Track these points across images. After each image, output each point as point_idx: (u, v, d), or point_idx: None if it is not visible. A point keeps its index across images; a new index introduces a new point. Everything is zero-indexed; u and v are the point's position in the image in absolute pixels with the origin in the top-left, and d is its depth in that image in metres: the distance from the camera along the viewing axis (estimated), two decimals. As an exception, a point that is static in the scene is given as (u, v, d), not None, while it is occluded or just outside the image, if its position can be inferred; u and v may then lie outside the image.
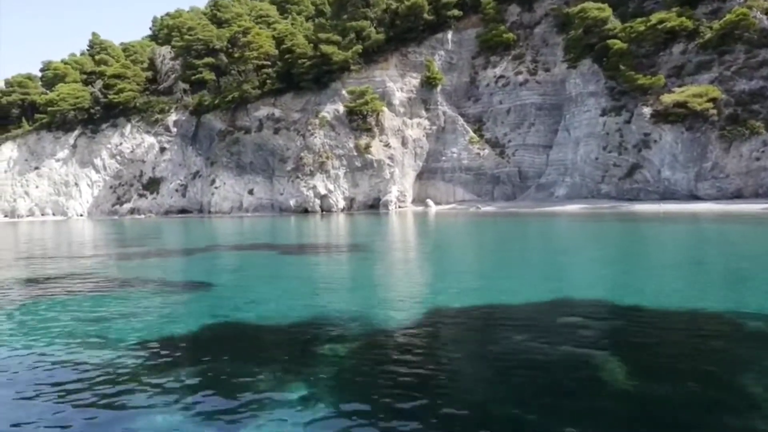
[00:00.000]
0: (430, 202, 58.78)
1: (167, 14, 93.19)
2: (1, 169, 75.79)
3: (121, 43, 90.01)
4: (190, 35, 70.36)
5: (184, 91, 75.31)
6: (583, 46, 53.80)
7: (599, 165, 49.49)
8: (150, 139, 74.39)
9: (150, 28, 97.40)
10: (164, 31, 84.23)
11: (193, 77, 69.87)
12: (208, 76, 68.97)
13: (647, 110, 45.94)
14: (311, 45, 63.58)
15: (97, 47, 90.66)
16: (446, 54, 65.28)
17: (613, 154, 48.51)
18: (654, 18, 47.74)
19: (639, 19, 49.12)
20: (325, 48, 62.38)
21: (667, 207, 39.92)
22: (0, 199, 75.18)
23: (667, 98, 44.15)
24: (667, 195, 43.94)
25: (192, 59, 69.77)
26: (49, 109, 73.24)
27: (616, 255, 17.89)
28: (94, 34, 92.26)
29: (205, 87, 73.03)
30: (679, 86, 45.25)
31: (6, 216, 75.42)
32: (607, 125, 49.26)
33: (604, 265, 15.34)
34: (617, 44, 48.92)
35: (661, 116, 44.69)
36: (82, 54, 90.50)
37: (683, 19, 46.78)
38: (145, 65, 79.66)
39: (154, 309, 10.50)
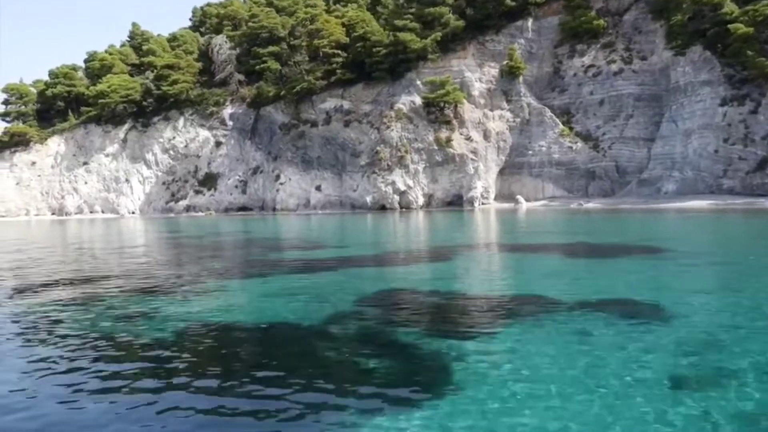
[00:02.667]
0: (520, 198, 55.26)
1: (208, 4, 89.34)
2: (48, 164, 72.09)
3: (165, 34, 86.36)
4: (254, 23, 66.64)
5: (240, 82, 71.71)
6: (691, 33, 50.43)
7: (719, 158, 46.02)
8: (205, 133, 70.76)
9: (190, 19, 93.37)
10: (212, 21, 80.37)
11: (256, 67, 66.10)
12: (274, 65, 65.26)
13: (780, 99, 42.50)
14: (387, 32, 59.93)
15: (138, 38, 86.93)
16: (526, 43, 61.79)
17: (737, 146, 45.04)
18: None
19: (764, 2, 45.60)
20: (403, 35, 58.83)
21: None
22: (47, 195, 71.53)
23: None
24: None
25: (256, 48, 65.97)
26: (99, 101, 69.48)
27: None
28: (134, 24, 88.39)
29: (262, 78, 69.36)
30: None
31: (53, 213, 71.79)
32: (728, 116, 45.79)
33: None
34: (740, 29, 45.40)
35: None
36: (123, 45, 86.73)
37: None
38: (195, 56, 75.94)
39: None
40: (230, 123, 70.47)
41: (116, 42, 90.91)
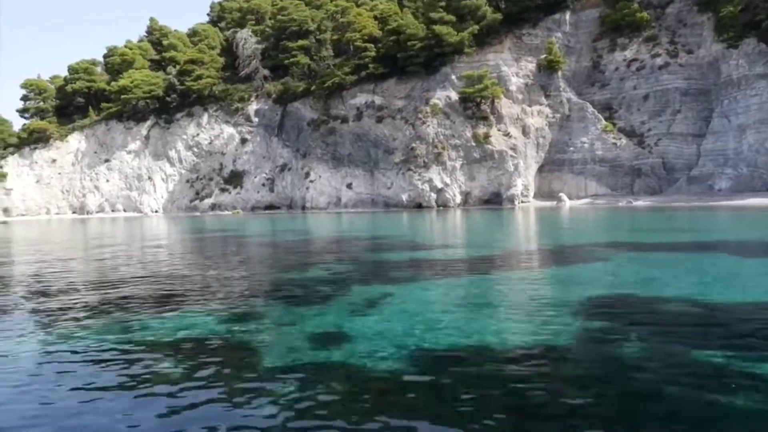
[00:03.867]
0: (563, 196, 53.50)
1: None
2: (68, 161, 70.35)
3: (182, 29, 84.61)
4: (283, 15, 64.88)
5: (265, 78, 69.99)
6: (743, 25, 48.69)
7: (779, 154, 44.31)
8: (229, 130, 69.04)
9: (208, 14, 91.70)
10: (233, 15, 78.59)
11: (285, 61, 64.34)
12: (303, 59, 63.51)
13: None
14: (422, 25, 58.19)
15: (156, 33, 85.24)
16: (563, 36, 60.11)
17: (798, 142, 43.33)
18: None
19: (826, -9, 43.91)
20: (439, 28, 57.08)
21: None
22: (68, 194, 69.76)
23: None
24: None
25: (286, 42, 64.21)
26: (121, 96, 67.71)
27: None
28: (152, 19, 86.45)
29: (288, 73, 67.66)
30: None
31: (74, 212, 70.04)
32: (787, 110, 44.06)
33: None
34: (801, 19, 43.68)
35: None
36: (140, 41, 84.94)
37: None
38: (217, 51, 74.22)
39: None
40: (256, 119, 68.78)
41: (132, 37, 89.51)
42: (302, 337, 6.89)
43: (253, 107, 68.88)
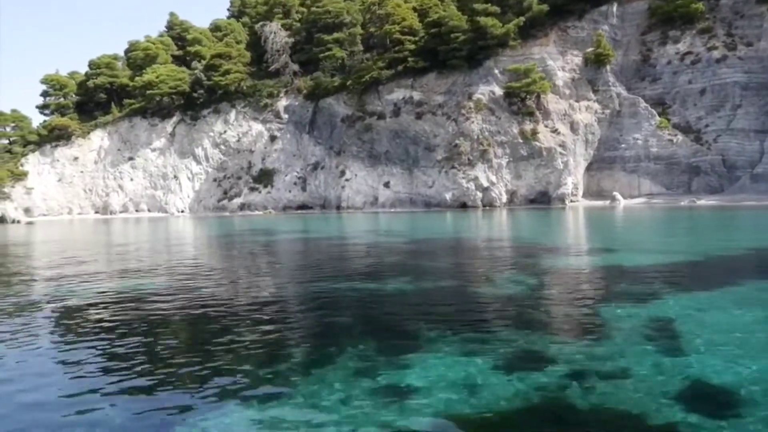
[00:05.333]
0: (617, 195, 51.04)
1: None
2: (90, 159, 67.80)
3: (200, 25, 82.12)
4: (318, 7, 62.39)
5: (294, 73, 67.51)
6: (809, 15, 46.31)
7: None
8: (258, 127, 66.56)
9: (228, 9, 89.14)
10: (259, 8, 75.98)
11: (320, 55, 61.84)
12: (339, 53, 61.02)
13: None
14: (465, 17, 55.77)
15: (177, 28, 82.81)
16: (610, 29, 57.72)
17: None
18: None
19: None
20: (484, 20, 54.69)
21: None
22: (90, 193, 67.24)
23: None
24: None
25: (321, 35, 61.72)
26: (147, 92, 65.17)
27: None
28: (172, 14, 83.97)
29: (319, 68, 65.17)
30: None
31: (97, 212, 67.53)
32: None
33: None
34: None
35: None
36: (161, 35, 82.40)
37: None
38: (242, 46, 71.68)
39: None
40: (285, 116, 66.30)
41: (151, 33, 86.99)
42: None
43: (282, 103, 66.41)
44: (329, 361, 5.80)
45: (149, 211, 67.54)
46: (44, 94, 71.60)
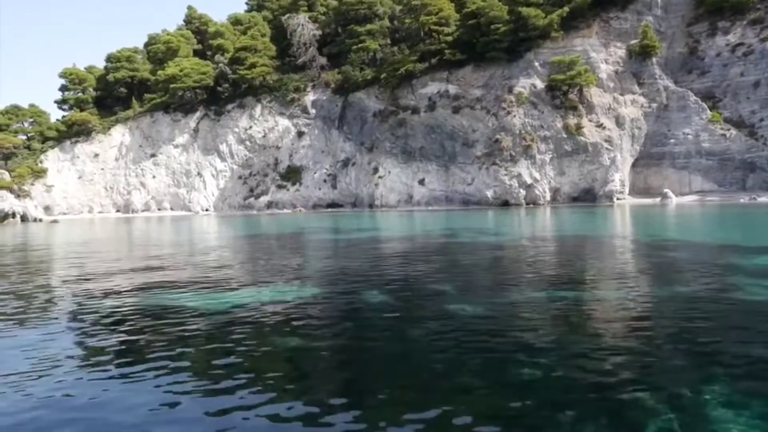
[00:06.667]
0: (669, 192, 48.93)
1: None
2: (111, 156, 65.64)
3: (217, 18, 79.99)
4: (350, -4, 60.27)
5: (322, 67, 65.37)
6: None
7: None
8: (284, 122, 64.41)
9: (246, 2, 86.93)
10: (283, 1, 73.77)
11: (353, 47, 59.67)
12: (372, 45, 58.86)
13: None
14: (505, 7, 53.63)
15: (195, 21, 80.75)
16: (654, 20, 55.56)
17: None
18: None
19: None
20: (526, 11, 52.56)
21: None
22: (112, 191, 65.06)
23: None
24: None
25: (354, 26, 59.54)
26: (170, 86, 62.95)
27: None
28: (190, 7, 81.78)
29: (347, 61, 62.97)
30: None
31: (118, 211, 65.37)
32: None
33: None
34: None
35: None
36: (179, 29, 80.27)
37: None
38: (266, 38, 69.48)
39: None
40: (313, 111, 64.17)
41: (168, 27, 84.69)
42: None
43: (309, 98, 64.28)
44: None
45: (172, 209, 65.40)
46: (63, 88, 69.40)
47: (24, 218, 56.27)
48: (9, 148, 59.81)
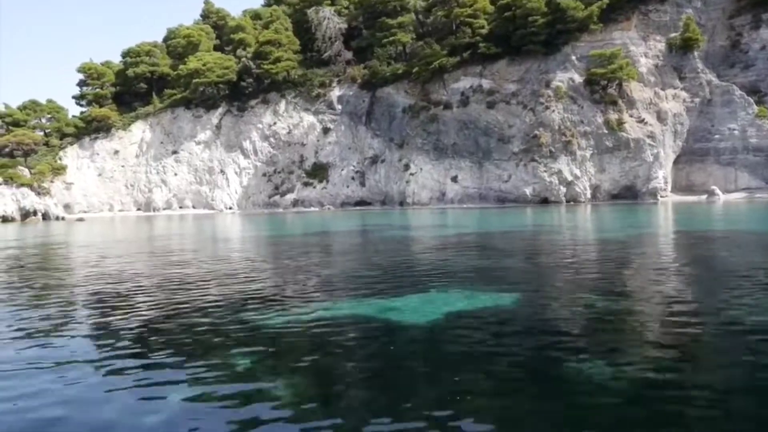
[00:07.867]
0: (716, 189, 47.37)
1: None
2: (131, 153, 63.90)
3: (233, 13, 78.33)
4: (379, -11, 58.62)
5: (348, 61, 63.69)
6: None
7: None
8: (310, 118, 62.72)
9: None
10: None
11: (384, 40, 58.03)
12: (404, 38, 57.21)
13: None
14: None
15: (213, 16, 79.04)
16: (694, 13, 53.96)
17: None
18: None
19: None
20: (565, 2, 50.95)
21: None
22: (132, 188, 63.35)
23: None
24: None
25: (385, 19, 57.88)
26: (193, 81, 61.22)
27: None
28: (207, 2, 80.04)
29: (374, 56, 61.32)
30: None
31: (139, 209, 63.66)
32: None
33: None
34: None
35: None
36: (196, 23, 78.50)
37: None
38: (289, 32, 67.69)
39: None
40: (339, 106, 62.46)
41: (185, 22, 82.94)
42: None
43: (335, 93, 62.56)
44: None
45: (194, 207, 63.73)
46: (81, 83, 67.60)
47: (45, 216, 54.56)
48: (29, 145, 58.06)
